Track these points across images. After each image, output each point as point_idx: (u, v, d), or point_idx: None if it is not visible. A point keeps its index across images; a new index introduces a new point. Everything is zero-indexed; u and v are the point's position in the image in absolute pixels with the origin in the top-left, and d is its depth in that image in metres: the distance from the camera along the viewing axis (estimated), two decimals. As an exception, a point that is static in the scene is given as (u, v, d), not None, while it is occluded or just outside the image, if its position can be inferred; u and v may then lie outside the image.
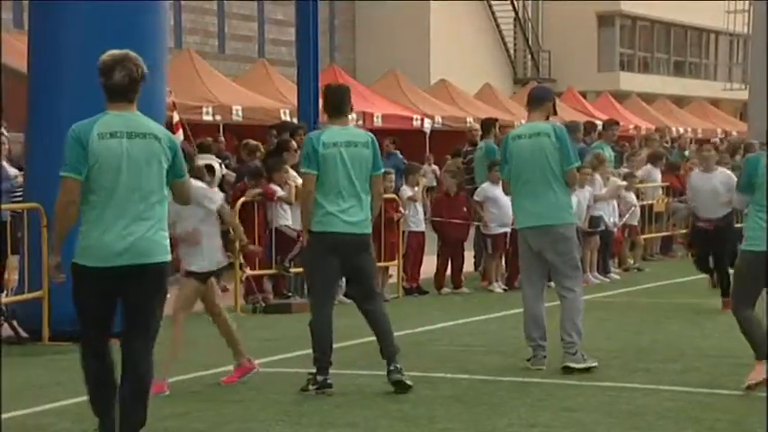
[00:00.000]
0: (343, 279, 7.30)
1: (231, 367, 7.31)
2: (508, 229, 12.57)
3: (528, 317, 7.77)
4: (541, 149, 7.67)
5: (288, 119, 18.11)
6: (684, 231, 16.64)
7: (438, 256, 12.86)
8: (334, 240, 6.79)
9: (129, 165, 4.99)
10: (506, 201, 12.72)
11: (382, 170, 6.97)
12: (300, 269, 11.86)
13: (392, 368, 6.92)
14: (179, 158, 5.17)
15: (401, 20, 32.66)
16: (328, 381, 6.81)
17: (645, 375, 7.41)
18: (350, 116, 7.09)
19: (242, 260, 10.91)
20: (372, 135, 6.99)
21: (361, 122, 20.91)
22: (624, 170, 15.20)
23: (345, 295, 8.48)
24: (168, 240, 5.19)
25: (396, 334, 9.25)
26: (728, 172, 10.99)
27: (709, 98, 40.11)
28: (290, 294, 11.75)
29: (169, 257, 5.14)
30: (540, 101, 7.88)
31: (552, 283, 7.92)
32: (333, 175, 6.80)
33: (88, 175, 4.96)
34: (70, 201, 4.96)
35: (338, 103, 6.93)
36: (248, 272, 11.04)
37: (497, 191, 12.75)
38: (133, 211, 4.98)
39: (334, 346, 7.00)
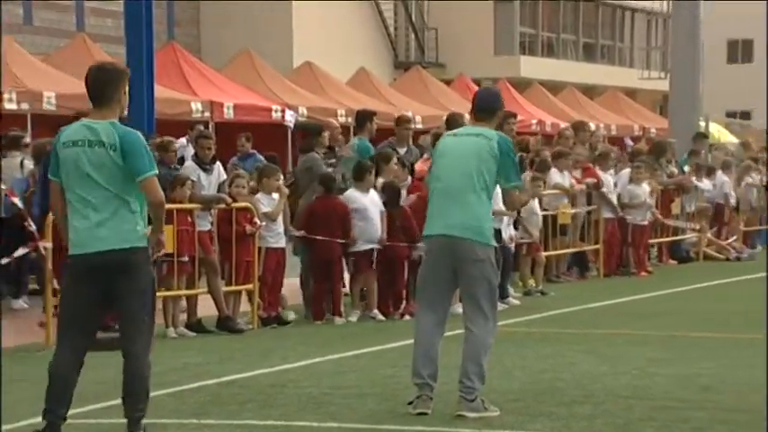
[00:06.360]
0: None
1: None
2: (375, 246, 12.74)
3: (419, 349, 7.83)
4: (476, 150, 7.79)
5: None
6: (595, 247, 17.10)
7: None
8: (85, 262, 6.76)
9: None
10: (374, 212, 12.89)
11: (149, 173, 6.71)
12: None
13: None
14: None
15: (257, -11, 32.63)
16: None
17: (548, 421, 7.55)
18: (119, 107, 6.79)
19: (56, 285, 10.70)
20: (130, 133, 6.73)
21: (207, 114, 20.79)
22: (528, 175, 15.51)
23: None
24: None
25: (251, 374, 9.32)
26: None
27: (625, 88, 41.27)
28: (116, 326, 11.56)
29: None
30: (489, 113, 8.00)
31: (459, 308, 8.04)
32: (72, 182, 6.74)
33: None
34: None
35: (95, 91, 6.82)
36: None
37: (365, 200, 12.87)
38: None
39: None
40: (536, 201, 15.31)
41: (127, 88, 6.92)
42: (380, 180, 13.29)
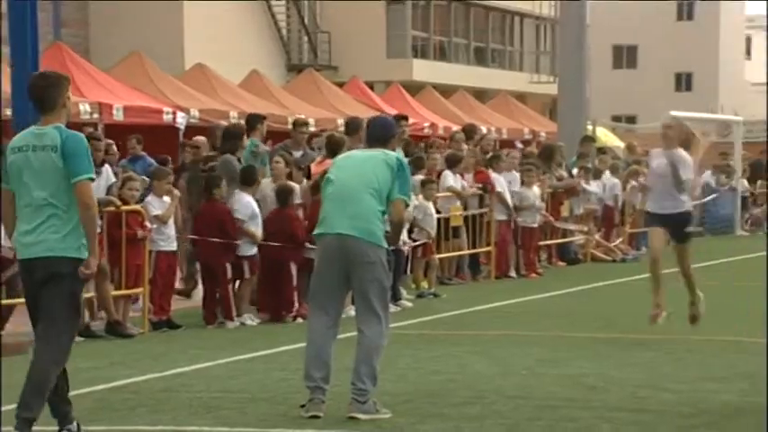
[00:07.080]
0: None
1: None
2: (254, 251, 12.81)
3: (312, 352, 7.86)
4: (372, 159, 7.97)
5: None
6: (487, 249, 17.27)
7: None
8: (25, 268, 6.82)
9: None
10: (260, 217, 12.92)
11: (84, 175, 6.72)
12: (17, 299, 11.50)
13: None
14: None
15: (147, -11, 32.29)
16: None
17: (439, 422, 7.64)
18: (65, 111, 6.84)
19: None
20: (74, 135, 6.78)
21: (96, 116, 20.49)
22: (419, 177, 15.64)
23: None
24: None
25: (141, 378, 9.24)
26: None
27: (515, 92, 41.74)
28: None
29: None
30: (383, 141, 8.17)
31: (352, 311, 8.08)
32: (18, 187, 6.82)
33: None
34: None
35: (38, 98, 6.86)
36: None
37: (255, 204, 12.86)
38: None
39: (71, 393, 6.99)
40: (430, 202, 15.45)
41: (69, 94, 6.92)
42: (267, 180, 13.33)
